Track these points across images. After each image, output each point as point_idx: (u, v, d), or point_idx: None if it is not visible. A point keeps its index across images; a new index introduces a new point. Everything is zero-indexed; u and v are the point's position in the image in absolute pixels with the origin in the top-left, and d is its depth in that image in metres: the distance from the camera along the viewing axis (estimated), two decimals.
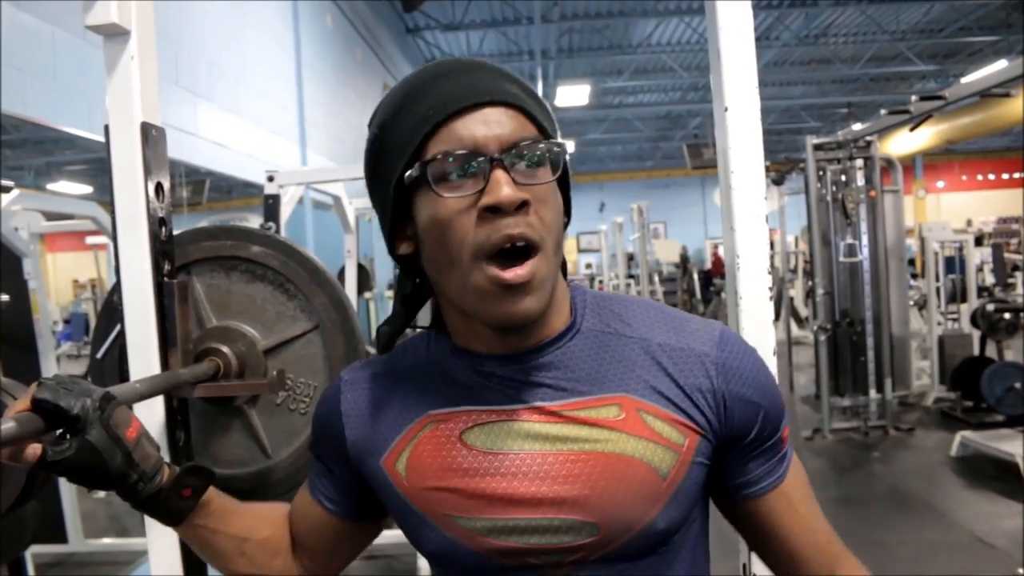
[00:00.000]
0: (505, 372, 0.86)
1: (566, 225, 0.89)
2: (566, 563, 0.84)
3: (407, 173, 0.82)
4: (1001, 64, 5.03)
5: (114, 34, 1.14)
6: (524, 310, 0.79)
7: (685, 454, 0.83)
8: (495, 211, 0.77)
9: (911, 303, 8.19)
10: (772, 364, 1.13)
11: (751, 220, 1.12)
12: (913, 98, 5.79)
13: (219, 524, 0.97)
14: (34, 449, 0.81)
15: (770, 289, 1.15)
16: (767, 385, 0.89)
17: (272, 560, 1.00)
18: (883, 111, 6.36)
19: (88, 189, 4.41)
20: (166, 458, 1.19)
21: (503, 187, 0.77)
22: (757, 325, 1.13)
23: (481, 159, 0.79)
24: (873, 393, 6.62)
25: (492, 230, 0.78)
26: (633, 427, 0.83)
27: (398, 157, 0.83)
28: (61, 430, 0.83)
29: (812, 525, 0.92)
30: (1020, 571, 3.66)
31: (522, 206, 0.78)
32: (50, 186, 4.31)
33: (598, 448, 0.82)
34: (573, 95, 14.11)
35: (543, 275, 0.80)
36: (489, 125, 0.80)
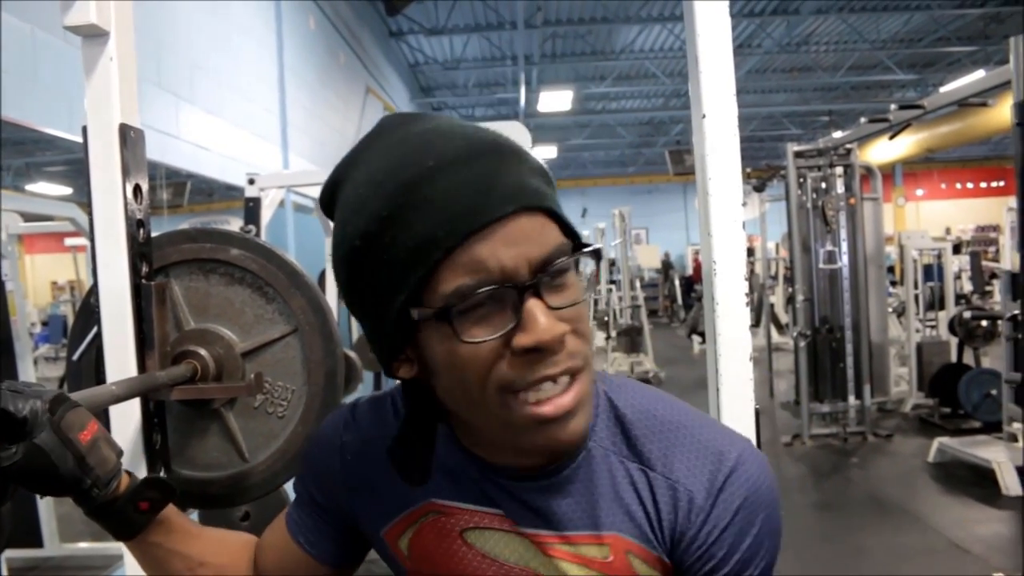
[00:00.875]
0: (511, 486, 0.81)
1: None
2: None
3: (414, 311, 0.70)
4: (979, 74, 5.10)
5: (93, 35, 1.14)
6: (571, 435, 0.72)
7: None
8: (535, 351, 0.67)
9: (890, 310, 8.27)
10: (749, 369, 1.14)
11: (728, 226, 1.13)
12: (892, 107, 5.85)
13: (175, 544, 0.93)
14: None
15: (748, 295, 1.16)
16: (742, 548, 0.76)
17: None
18: (863, 119, 6.42)
19: (67, 191, 4.37)
20: (142, 461, 1.19)
21: (541, 322, 0.66)
22: (734, 330, 1.14)
23: (511, 288, 0.67)
24: (852, 399, 6.68)
25: (529, 371, 0.68)
26: (619, 569, 0.77)
27: (397, 285, 0.69)
28: (7, 437, 0.78)
29: None
30: (995, 575, 3.70)
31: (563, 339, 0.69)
32: (29, 187, 4.27)
33: None
34: (556, 100, 14.16)
35: (587, 393, 0.73)
36: (517, 243, 0.67)
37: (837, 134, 7.15)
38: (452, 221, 0.66)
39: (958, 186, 22.76)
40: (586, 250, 0.72)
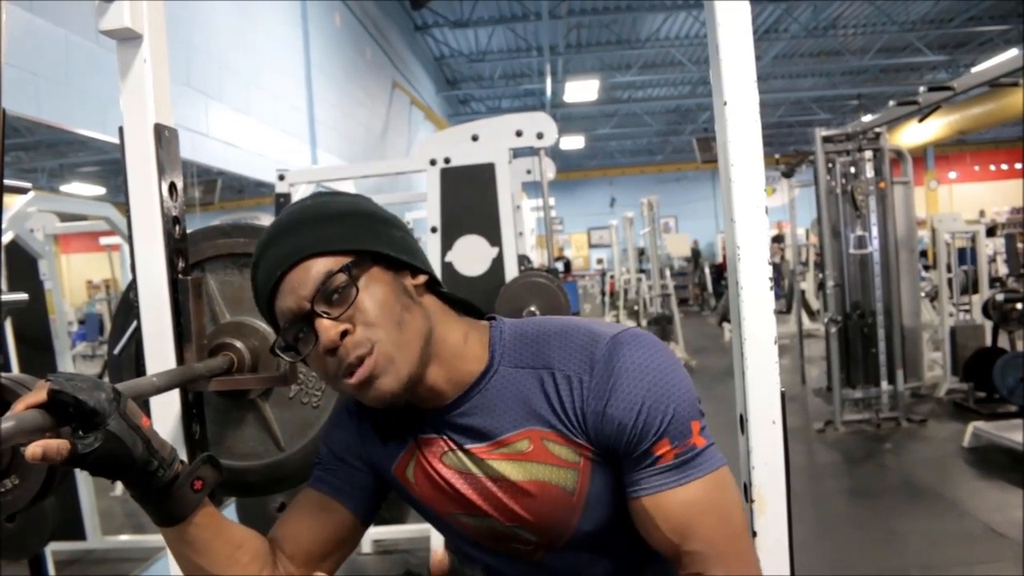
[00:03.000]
0: (445, 419, 1.05)
1: (431, 279, 1.05)
2: (533, 552, 1.06)
3: (276, 347, 0.99)
4: (1010, 53, 5.01)
5: (127, 38, 1.17)
6: (381, 391, 0.95)
7: (583, 468, 0.99)
8: (332, 351, 0.93)
9: (923, 295, 8.17)
10: (773, 353, 1.15)
11: (751, 212, 1.14)
12: (921, 89, 5.78)
13: (217, 531, 1.00)
14: (61, 445, 0.82)
15: (772, 279, 1.17)
16: (636, 401, 0.95)
17: (262, 570, 1.05)
18: (892, 102, 6.34)
19: (101, 190, 4.44)
20: (182, 451, 1.23)
21: (323, 334, 0.93)
22: (758, 314, 1.15)
23: (300, 320, 0.95)
24: (885, 385, 6.62)
25: (336, 364, 0.94)
26: (540, 455, 1.00)
27: (269, 320, 1.02)
28: (76, 426, 0.85)
29: (682, 536, 0.96)
30: None
31: (344, 334, 0.93)
32: (63, 188, 4.34)
33: (518, 479, 1.01)
34: (582, 90, 14.11)
35: (385, 357, 0.94)
36: (290, 292, 0.95)
37: (867, 118, 7.07)
38: (262, 291, 0.99)
39: (992, 168, 22.41)
40: (339, 269, 0.95)
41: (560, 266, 14.58)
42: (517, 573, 1.10)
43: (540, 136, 3.07)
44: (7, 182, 0.98)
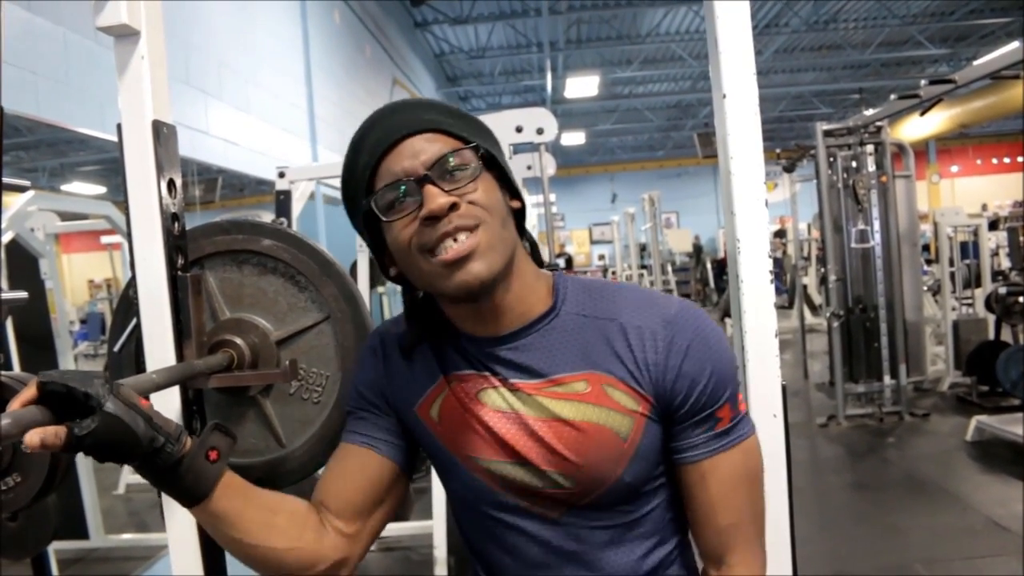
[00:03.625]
0: (496, 351, 1.04)
1: (521, 210, 1.07)
2: (557, 504, 1.03)
3: (364, 201, 1.00)
4: (1012, 46, 5.00)
5: (124, 35, 1.17)
6: (473, 274, 0.95)
7: (640, 418, 1.00)
8: (432, 219, 0.94)
9: (925, 288, 8.16)
10: (773, 346, 1.15)
11: (751, 205, 1.14)
12: (923, 82, 5.77)
13: (246, 499, 1.00)
14: (58, 430, 0.81)
15: (772, 273, 1.17)
16: (708, 363, 0.99)
17: (303, 534, 1.04)
18: (893, 96, 6.33)
19: (102, 189, 4.44)
20: None
21: (433, 198, 0.94)
22: (759, 307, 1.15)
23: (412, 181, 0.96)
24: (887, 379, 6.62)
25: (432, 232, 0.95)
26: (597, 398, 1.00)
27: (359, 191, 1.02)
28: (77, 418, 0.83)
29: (720, 507, 1.02)
30: None
31: (453, 207, 0.94)
32: (64, 187, 4.35)
33: (570, 418, 1.00)
34: (582, 86, 14.09)
35: (487, 243, 0.95)
36: (414, 154, 0.97)
37: (868, 112, 7.06)
38: (373, 149, 0.99)
39: (994, 161, 22.37)
40: (467, 145, 0.98)
41: (561, 262, 14.57)
42: (523, 546, 1.06)
43: (540, 132, 3.07)
44: (6, 180, 0.98)
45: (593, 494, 1.01)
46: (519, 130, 3.03)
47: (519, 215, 1.06)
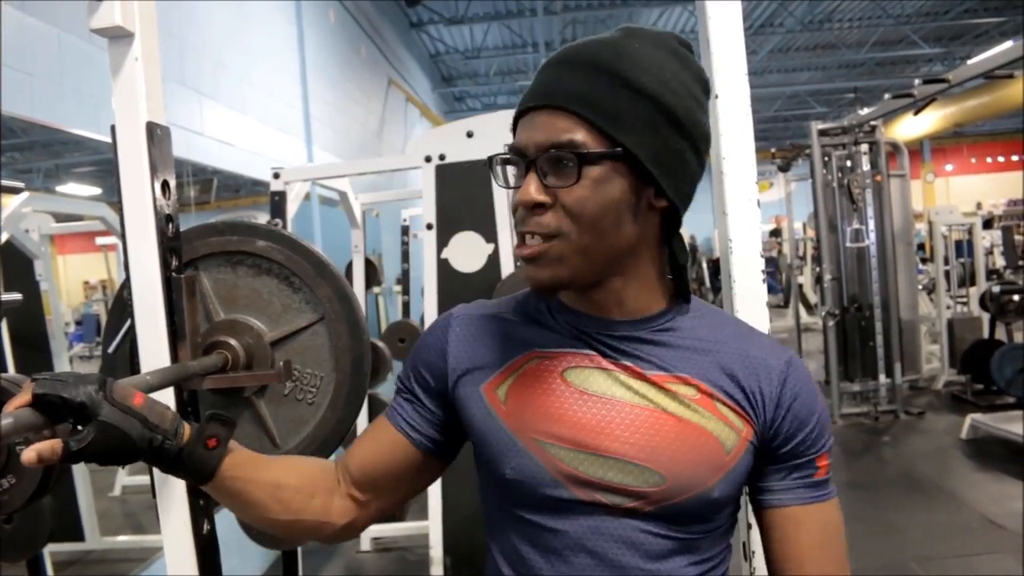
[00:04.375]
0: (608, 333, 0.97)
1: (673, 209, 0.95)
2: (626, 507, 0.93)
3: (500, 158, 0.96)
4: (1005, 45, 5.01)
5: (118, 36, 1.17)
6: (534, 278, 0.92)
7: (744, 437, 0.94)
8: (521, 207, 0.90)
9: (920, 287, 8.18)
10: None
11: (743, 205, 1.14)
12: (917, 82, 5.78)
13: (251, 473, 1.00)
14: (54, 445, 0.82)
15: (765, 272, 1.18)
16: (817, 412, 0.97)
17: (309, 501, 1.03)
18: (888, 95, 6.35)
19: (97, 191, 4.43)
20: None
21: (525, 190, 0.89)
22: (750, 306, 1.16)
23: (521, 160, 0.91)
24: (883, 378, 6.64)
25: (519, 221, 0.92)
26: (707, 406, 0.94)
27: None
28: (72, 421, 0.85)
29: (810, 560, 0.98)
30: None
31: (539, 206, 0.89)
32: (59, 188, 4.34)
33: (676, 413, 0.93)
34: None
35: (556, 254, 0.90)
36: (533, 129, 0.90)
37: (863, 111, 7.08)
38: (522, 101, 0.93)
39: (988, 160, 22.42)
40: (577, 150, 0.87)
41: None
42: (566, 548, 0.95)
43: None
44: (1, 182, 0.98)
45: (675, 499, 0.92)
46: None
47: (670, 216, 0.96)
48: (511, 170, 0.95)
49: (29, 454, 0.80)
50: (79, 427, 0.85)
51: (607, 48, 0.91)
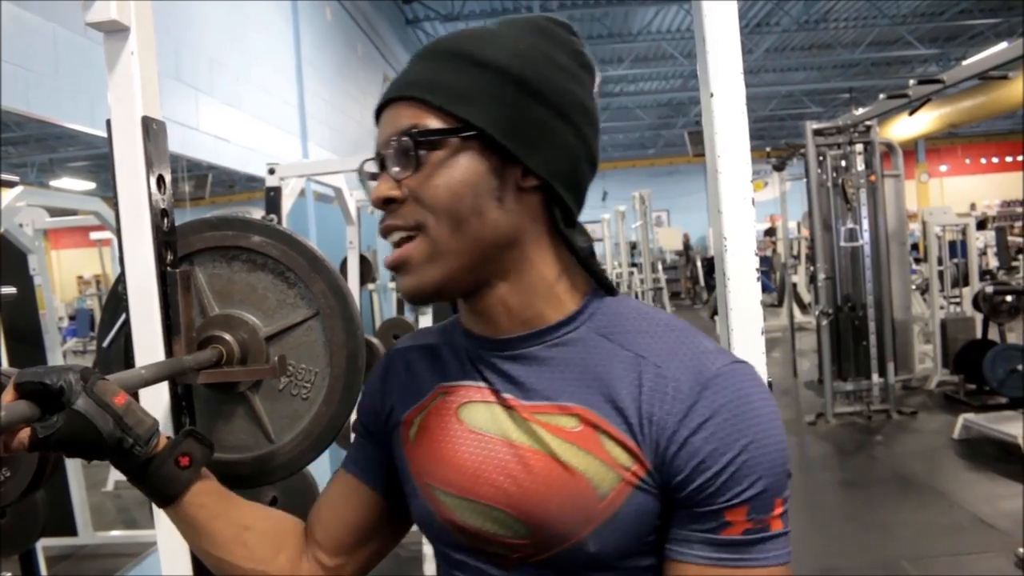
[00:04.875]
0: (492, 356, 0.88)
1: (550, 189, 0.84)
2: (512, 558, 0.84)
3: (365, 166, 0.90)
4: (1000, 46, 5.03)
5: (114, 30, 1.17)
6: (404, 287, 0.84)
7: (629, 479, 0.78)
8: (379, 208, 0.84)
9: (913, 287, 8.21)
10: (760, 343, 1.16)
11: (738, 203, 1.14)
12: (912, 82, 5.80)
13: (219, 507, 0.95)
14: (22, 433, 0.80)
15: (758, 270, 1.18)
16: (731, 446, 0.75)
17: (276, 556, 0.97)
18: (882, 96, 6.37)
19: (91, 185, 4.42)
20: None
21: (376, 189, 0.83)
22: (745, 305, 1.16)
23: (378, 160, 0.85)
24: (876, 377, 6.65)
25: (384, 227, 0.85)
26: (585, 441, 0.80)
27: None
28: (48, 410, 0.82)
29: None
30: (1021, 551, 3.69)
31: (391, 202, 0.82)
32: (53, 183, 4.33)
33: (549, 451, 0.81)
34: None
35: (420, 255, 0.82)
36: (382, 126, 0.85)
37: (858, 111, 7.10)
38: (375, 110, 0.88)
39: (983, 161, 22.50)
40: (415, 132, 0.81)
41: None
42: None
43: None
44: None
45: (545, 553, 0.81)
46: None
47: (553, 200, 0.85)
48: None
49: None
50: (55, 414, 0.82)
51: (464, 34, 0.86)
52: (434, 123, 0.81)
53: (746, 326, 1.17)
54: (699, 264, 19.10)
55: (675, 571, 0.78)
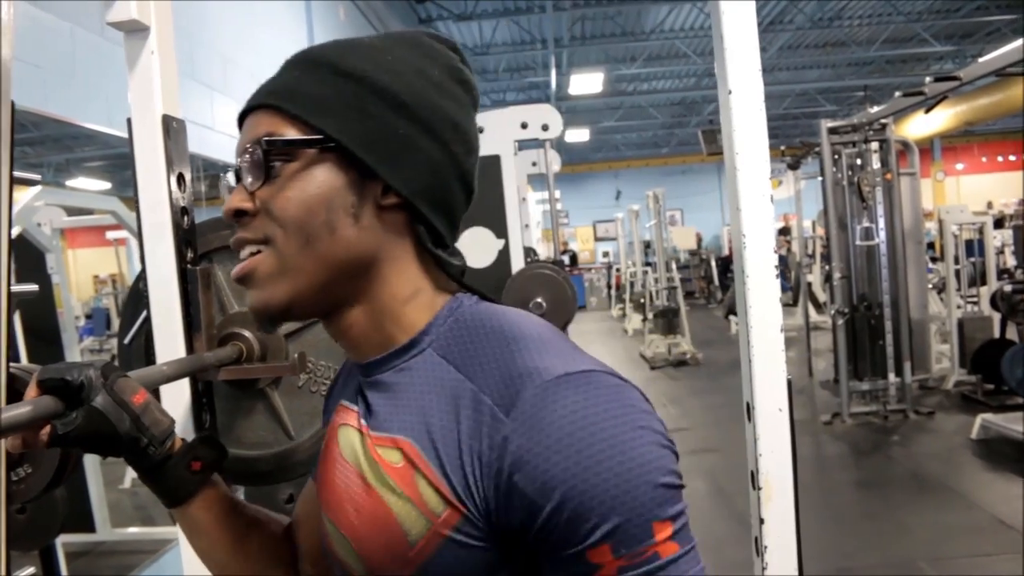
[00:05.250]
0: (362, 382, 0.84)
1: (412, 208, 0.79)
2: None
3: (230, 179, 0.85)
4: (1017, 43, 4.99)
5: (134, 30, 1.18)
6: (250, 303, 0.80)
7: (439, 527, 0.69)
8: (232, 221, 0.80)
9: (930, 286, 8.16)
10: (779, 340, 1.16)
11: (756, 200, 1.14)
12: (928, 79, 5.76)
13: (225, 512, 0.95)
14: (44, 431, 0.80)
15: (778, 268, 1.18)
16: (554, 480, 0.63)
17: (274, 570, 0.99)
18: (898, 93, 6.33)
19: (106, 185, 4.45)
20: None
21: (228, 200, 0.79)
22: (764, 302, 1.16)
23: (234, 171, 0.82)
24: (892, 377, 6.62)
25: (231, 243, 0.81)
26: (403, 480, 0.73)
27: None
28: (68, 406, 0.82)
29: None
30: None
31: (241, 214, 0.78)
32: (69, 183, 4.36)
33: (375, 486, 0.76)
34: (587, 83, 14.10)
35: (268, 269, 0.77)
36: (241, 135, 0.82)
37: (873, 109, 7.06)
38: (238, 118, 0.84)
39: (999, 159, 22.32)
40: (264, 141, 0.77)
41: (566, 259, 14.58)
42: None
43: (545, 128, 3.08)
44: (17, 174, 0.99)
45: None
46: (524, 126, 3.04)
47: (412, 212, 0.80)
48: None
49: (14, 442, 0.79)
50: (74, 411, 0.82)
51: (333, 44, 0.83)
52: (290, 133, 0.77)
53: (765, 324, 1.16)
54: (713, 263, 19.06)
55: None
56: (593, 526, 0.62)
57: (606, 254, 22.61)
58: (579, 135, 18.39)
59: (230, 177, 0.83)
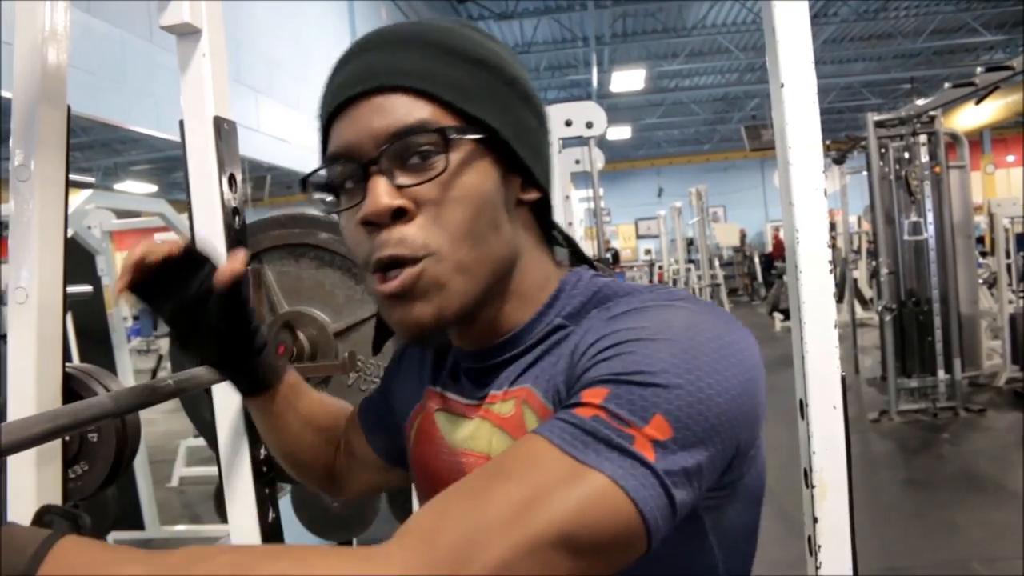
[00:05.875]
0: (469, 366, 0.81)
1: (542, 202, 0.78)
2: None
3: (313, 181, 0.76)
4: None
5: (187, 33, 1.20)
6: (414, 319, 0.70)
7: None
8: (371, 225, 0.69)
9: (980, 281, 8.00)
10: (833, 336, 1.14)
11: (810, 195, 1.12)
12: (979, 70, 5.64)
13: (296, 397, 0.98)
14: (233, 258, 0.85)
15: (831, 263, 1.16)
16: (609, 328, 0.65)
17: (327, 452, 1.03)
18: (947, 85, 6.21)
19: (153, 188, 4.53)
20: (244, 440, 1.24)
21: (373, 199, 0.67)
22: (818, 298, 1.14)
23: (355, 164, 0.70)
24: (942, 374, 6.49)
25: (372, 246, 0.69)
26: (514, 426, 0.72)
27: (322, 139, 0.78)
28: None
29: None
30: None
31: (400, 214, 0.68)
32: (116, 186, 4.44)
33: (481, 450, 0.75)
34: (628, 80, 14.06)
35: (431, 280, 0.68)
36: (362, 121, 0.69)
37: (920, 102, 6.94)
38: (325, 106, 0.74)
39: None
40: (436, 128, 0.68)
41: (608, 257, 14.55)
42: None
43: (590, 126, 3.07)
44: (72, 177, 1.01)
45: None
46: (568, 124, 3.03)
47: (540, 208, 0.79)
48: (339, 186, 0.74)
49: (223, 275, 0.83)
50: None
51: (420, 26, 0.74)
52: (447, 121, 0.68)
53: (819, 318, 1.15)
54: (757, 260, 18.87)
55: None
56: (607, 361, 0.61)
57: (648, 251, 22.50)
58: (621, 132, 18.34)
59: (331, 170, 0.73)
